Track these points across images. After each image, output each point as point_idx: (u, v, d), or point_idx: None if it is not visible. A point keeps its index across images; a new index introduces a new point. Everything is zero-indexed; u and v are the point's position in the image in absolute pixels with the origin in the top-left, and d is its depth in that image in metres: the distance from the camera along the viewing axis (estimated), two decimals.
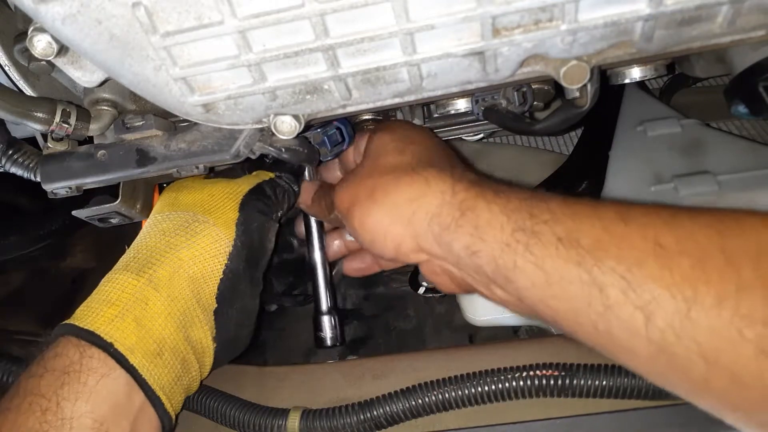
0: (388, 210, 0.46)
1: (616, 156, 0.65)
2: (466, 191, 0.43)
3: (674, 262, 0.35)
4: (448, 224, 0.43)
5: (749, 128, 0.78)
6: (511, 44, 0.40)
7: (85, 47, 0.39)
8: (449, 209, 0.43)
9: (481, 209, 0.42)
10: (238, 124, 0.47)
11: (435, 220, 0.43)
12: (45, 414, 0.42)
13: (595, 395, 0.46)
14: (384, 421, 0.49)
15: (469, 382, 0.48)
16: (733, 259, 0.34)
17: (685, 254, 0.35)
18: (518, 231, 0.40)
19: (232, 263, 0.52)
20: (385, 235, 0.46)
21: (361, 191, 0.48)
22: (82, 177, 0.51)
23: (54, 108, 0.46)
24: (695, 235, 0.36)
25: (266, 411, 0.51)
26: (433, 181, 0.45)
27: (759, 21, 0.40)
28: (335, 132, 0.56)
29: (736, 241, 0.35)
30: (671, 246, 0.36)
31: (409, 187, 0.45)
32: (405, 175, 0.46)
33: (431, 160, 0.47)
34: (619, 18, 0.38)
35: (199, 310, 0.50)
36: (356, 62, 0.41)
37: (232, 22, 0.37)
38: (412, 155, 0.48)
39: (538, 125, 0.50)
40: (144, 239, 0.53)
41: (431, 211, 0.44)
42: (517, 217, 0.40)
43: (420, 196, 0.44)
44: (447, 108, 0.55)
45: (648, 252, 0.36)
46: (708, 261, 0.34)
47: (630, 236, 0.37)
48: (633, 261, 0.36)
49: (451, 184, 0.44)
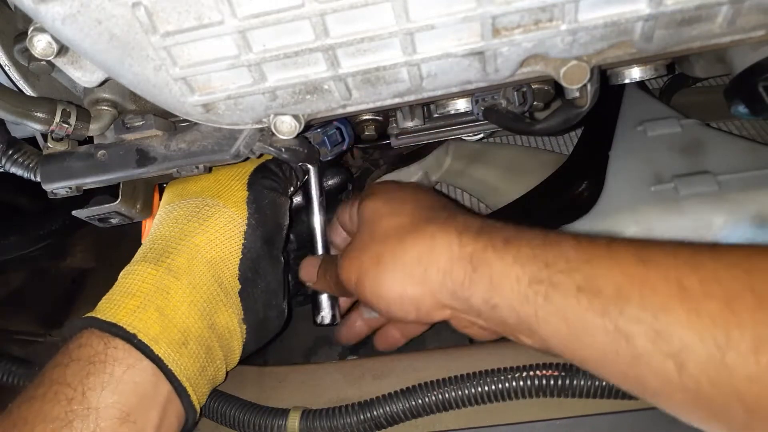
0: (398, 273, 0.44)
1: (616, 156, 0.65)
2: (474, 242, 0.42)
3: (701, 305, 0.34)
4: (462, 280, 0.42)
5: (749, 128, 0.78)
6: (511, 44, 0.40)
7: (85, 47, 0.39)
8: (460, 264, 0.42)
9: (494, 261, 0.40)
10: (238, 124, 0.47)
11: (448, 276, 0.42)
12: (70, 403, 0.41)
13: (595, 396, 0.46)
14: (384, 421, 0.49)
15: (469, 382, 0.48)
16: (765, 299, 0.33)
17: (712, 296, 0.34)
18: (535, 282, 0.39)
19: (249, 242, 0.52)
20: (402, 299, 0.45)
21: (365, 260, 0.46)
22: (82, 177, 0.51)
23: (54, 108, 0.46)
24: (720, 276, 0.34)
25: (266, 411, 0.51)
26: (438, 235, 0.43)
27: (759, 21, 0.40)
28: (335, 132, 0.56)
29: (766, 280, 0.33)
30: (695, 288, 0.34)
31: (415, 245, 0.44)
32: (408, 234, 0.45)
33: (429, 216, 0.46)
34: (619, 18, 0.38)
35: (222, 294, 0.49)
36: (356, 62, 0.41)
37: (232, 22, 0.37)
38: (409, 214, 0.47)
39: (538, 125, 0.50)
40: (158, 230, 0.53)
41: (442, 267, 0.42)
42: (532, 267, 0.39)
43: (427, 253, 0.43)
44: (447, 108, 0.56)
45: (672, 296, 0.35)
46: (737, 303, 0.33)
47: (651, 280, 0.36)
48: (658, 307, 0.35)
49: (457, 236, 0.43)
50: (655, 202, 0.59)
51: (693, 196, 0.58)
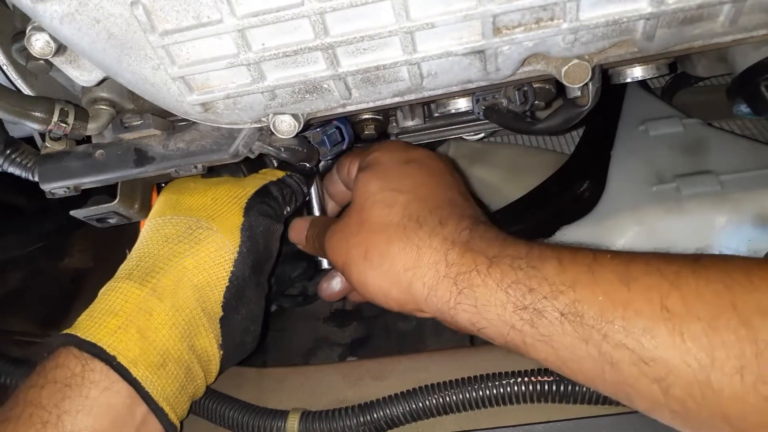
0: (384, 275, 0.45)
1: (617, 155, 0.65)
2: (460, 263, 0.42)
3: (684, 326, 0.34)
4: (447, 300, 0.42)
5: (751, 128, 0.78)
6: (512, 43, 0.40)
7: (83, 46, 0.39)
8: (446, 284, 0.42)
9: (478, 286, 0.41)
10: (237, 124, 0.47)
11: (433, 293, 0.43)
12: (45, 427, 0.41)
13: (597, 402, 0.46)
14: (384, 423, 0.48)
15: (469, 386, 0.48)
16: (747, 317, 0.33)
17: (695, 316, 0.34)
18: (520, 309, 0.39)
19: (238, 270, 0.51)
20: (386, 297, 0.46)
21: (352, 250, 0.47)
22: (80, 177, 0.50)
23: (52, 107, 0.45)
24: (702, 293, 0.34)
25: (265, 412, 0.51)
26: (424, 250, 0.43)
27: (761, 20, 0.40)
28: (335, 131, 0.55)
29: (747, 297, 0.33)
30: (678, 309, 0.34)
31: (402, 254, 0.44)
32: (396, 239, 0.45)
33: (421, 216, 0.45)
34: (621, 17, 0.38)
35: (204, 319, 0.49)
36: (356, 61, 0.41)
37: (231, 20, 0.37)
38: (402, 210, 0.46)
39: (539, 125, 0.50)
40: (146, 245, 0.52)
41: (428, 284, 0.43)
42: (516, 292, 0.39)
43: (413, 267, 0.43)
44: (447, 107, 0.55)
45: (656, 318, 0.35)
46: (720, 322, 0.33)
47: (634, 302, 0.36)
48: (641, 330, 0.35)
49: (444, 253, 0.43)
50: (657, 202, 0.59)
51: (695, 196, 0.58)
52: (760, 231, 0.56)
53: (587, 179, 0.66)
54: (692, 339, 0.33)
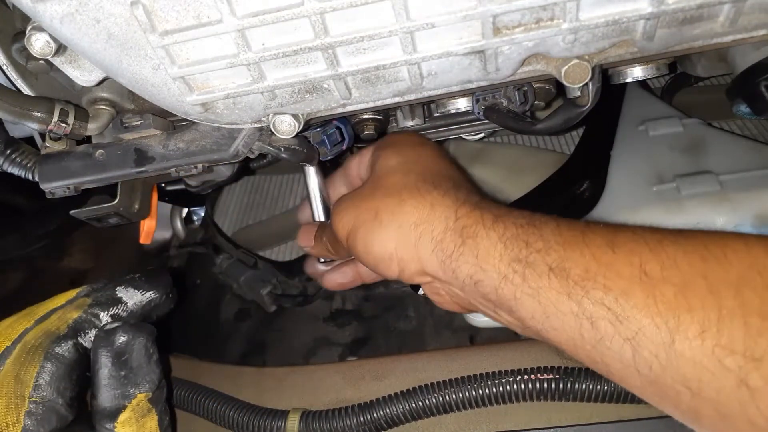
0: (392, 233, 0.45)
1: (617, 155, 0.65)
2: (467, 216, 0.43)
3: (658, 290, 0.35)
4: (451, 252, 0.43)
5: (751, 128, 0.78)
6: (512, 43, 0.40)
7: (83, 46, 0.38)
8: (452, 236, 0.43)
9: (481, 237, 0.42)
10: (237, 124, 0.47)
11: (439, 246, 0.44)
12: None
13: (595, 400, 0.46)
14: (384, 423, 0.48)
15: (469, 385, 0.48)
16: (715, 286, 0.34)
17: (669, 282, 0.35)
18: (515, 261, 0.40)
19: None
20: (391, 258, 0.46)
21: (363, 211, 0.47)
22: (80, 177, 0.50)
23: (52, 107, 0.45)
24: (679, 262, 0.36)
25: (265, 412, 0.51)
26: (437, 205, 0.45)
27: (761, 20, 0.40)
28: (335, 131, 0.55)
29: (719, 268, 0.35)
30: (656, 273, 0.36)
31: (415, 210, 0.45)
32: (410, 197, 0.46)
33: (435, 181, 0.47)
34: (621, 17, 0.38)
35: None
36: (356, 61, 0.41)
37: (231, 20, 0.37)
38: (417, 176, 0.48)
39: (539, 125, 0.49)
40: None
41: (436, 237, 0.44)
42: (513, 245, 0.41)
43: (425, 221, 0.44)
44: (447, 107, 0.55)
45: (634, 280, 0.36)
46: (690, 289, 0.34)
47: (617, 264, 0.37)
48: (619, 291, 0.36)
49: (455, 209, 0.44)
50: (657, 202, 0.59)
51: (695, 196, 0.58)
52: (760, 231, 0.56)
53: (587, 179, 0.66)
54: (663, 302, 0.35)
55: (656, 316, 0.35)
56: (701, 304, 0.34)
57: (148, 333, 0.44)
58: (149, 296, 0.48)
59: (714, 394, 0.33)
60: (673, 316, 0.34)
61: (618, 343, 0.36)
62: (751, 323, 0.32)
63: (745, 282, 0.34)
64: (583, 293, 0.37)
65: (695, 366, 0.33)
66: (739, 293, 0.33)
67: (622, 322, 0.36)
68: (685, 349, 0.33)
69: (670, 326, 0.34)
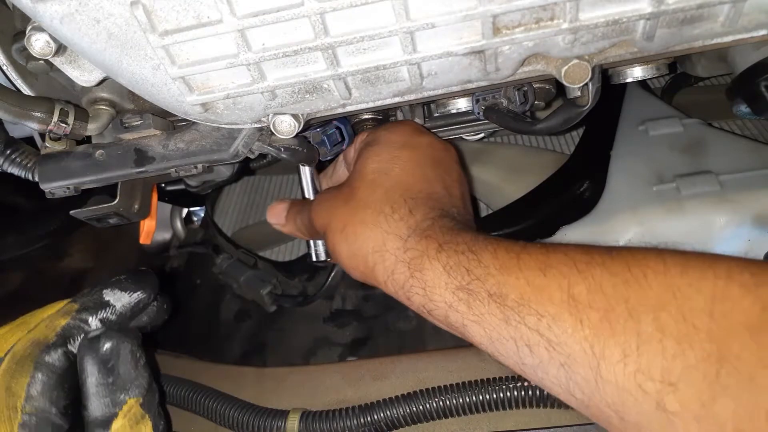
0: (355, 252, 0.48)
1: (617, 155, 0.65)
2: (415, 247, 0.44)
3: (584, 314, 0.36)
4: (402, 283, 0.45)
5: (751, 128, 0.78)
6: (512, 43, 0.40)
7: (83, 46, 0.38)
8: (402, 268, 0.45)
9: (426, 269, 0.43)
10: (236, 124, 0.47)
11: (391, 277, 0.45)
12: None
13: None
14: (384, 425, 0.48)
15: (470, 390, 0.48)
16: (635, 310, 0.34)
17: (594, 307, 0.36)
18: (458, 290, 0.41)
19: None
20: (355, 270, 0.49)
21: (334, 221, 0.50)
22: (80, 177, 0.50)
23: (52, 107, 0.45)
24: (603, 286, 0.36)
25: (265, 412, 0.51)
26: (389, 237, 0.46)
27: (760, 20, 0.40)
28: (335, 131, 0.55)
29: (639, 292, 0.35)
30: (582, 297, 0.36)
31: (371, 238, 0.47)
32: (370, 223, 0.47)
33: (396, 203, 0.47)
34: (621, 17, 0.38)
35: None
36: (356, 61, 0.41)
37: (231, 20, 0.37)
38: (383, 194, 0.48)
39: (539, 125, 0.49)
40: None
41: (387, 267, 0.45)
42: (456, 274, 0.42)
43: (379, 250, 0.46)
44: (447, 107, 0.55)
45: (563, 305, 0.37)
46: (613, 313, 0.35)
47: (548, 288, 0.38)
48: (551, 317, 0.37)
49: (404, 240, 0.45)
50: (657, 202, 0.59)
51: (695, 196, 0.58)
52: (760, 231, 0.56)
53: (587, 179, 0.66)
54: (590, 327, 0.35)
55: (584, 341, 0.35)
56: (623, 328, 0.34)
57: (132, 337, 0.44)
58: (137, 297, 0.48)
59: (637, 418, 0.34)
60: (599, 341, 0.35)
61: (554, 368, 0.37)
62: (667, 347, 0.33)
63: (662, 305, 0.34)
64: (519, 319, 0.38)
65: (619, 391, 0.34)
66: (656, 317, 0.34)
67: (555, 348, 0.36)
68: (610, 375, 0.34)
69: (596, 351, 0.35)
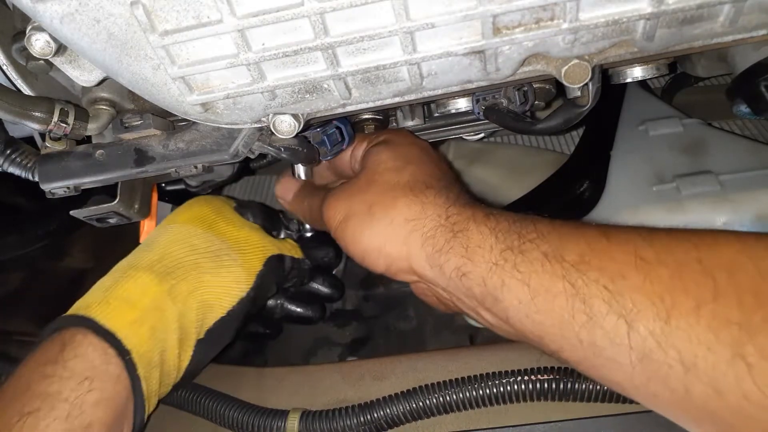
0: (384, 227, 0.46)
1: (617, 155, 0.65)
2: (459, 214, 0.44)
3: (654, 272, 0.36)
4: (441, 246, 0.44)
5: (751, 128, 0.78)
6: (512, 43, 0.40)
7: (83, 46, 0.38)
8: (443, 231, 0.44)
9: (472, 231, 0.43)
10: (236, 124, 0.47)
11: (429, 241, 0.45)
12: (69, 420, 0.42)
13: (595, 400, 0.46)
14: (384, 423, 0.48)
15: (469, 385, 0.48)
16: (709, 269, 0.35)
17: (664, 265, 0.36)
18: (506, 250, 0.41)
19: (238, 307, 0.53)
20: (379, 253, 0.47)
21: (356, 204, 0.48)
22: (80, 177, 0.50)
23: (52, 107, 0.45)
24: (673, 248, 0.37)
25: (265, 412, 0.51)
26: (429, 204, 0.46)
27: (761, 20, 0.40)
28: (335, 131, 0.55)
29: (712, 254, 0.36)
30: (651, 258, 0.37)
31: (407, 207, 0.46)
32: (403, 195, 0.47)
33: (428, 182, 0.48)
34: (621, 17, 0.38)
35: (194, 335, 0.50)
36: (356, 61, 0.41)
37: (231, 20, 0.37)
38: (410, 175, 0.48)
39: (539, 125, 0.49)
40: (171, 246, 0.53)
41: (426, 233, 0.45)
42: (506, 237, 0.42)
43: (416, 218, 0.45)
44: (447, 107, 0.55)
45: (629, 264, 0.37)
46: (685, 270, 0.35)
47: (612, 250, 0.38)
48: (615, 273, 0.37)
49: (446, 208, 0.45)
50: (657, 202, 0.59)
51: (695, 196, 0.58)
52: (760, 231, 0.56)
53: (587, 179, 0.66)
54: (659, 282, 0.36)
55: (652, 294, 0.35)
56: (696, 283, 0.35)
57: None
58: None
59: (708, 369, 0.33)
60: (669, 295, 0.35)
61: (611, 320, 0.36)
62: (745, 301, 0.33)
63: (738, 266, 0.34)
64: (577, 275, 0.38)
65: (691, 340, 0.34)
66: (732, 275, 0.34)
67: (617, 300, 0.36)
68: (681, 324, 0.34)
69: (666, 304, 0.35)
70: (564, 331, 0.39)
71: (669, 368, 0.35)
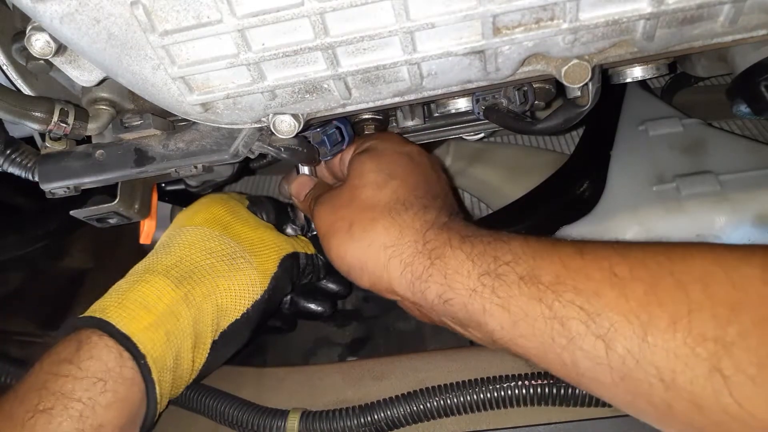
0: (364, 249, 0.47)
1: (617, 156, 0.65)
2: (436, 239, 0.45)
3: (629, 288, 0.36)
4: (420, 273, 0.44)
5: (751, 128, 0.78)
6: (512, 43, 0.40)
7: (83, 46, 0.38)
8: (420, 259, 0.44)
9: (449, 257, 0.43)
10: (236, 124, 0.47)
11: (408, 269, 0.45)
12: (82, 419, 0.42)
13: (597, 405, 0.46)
14: (384, 425, 0.48)
15: (470, 389, 0.48)
16: (683, 282, 0.35)
17: (638, 280, 0.36)
18: (484, 275, 0.41)
19: (253, 309, 0.53)
20: (362, 271, 0.48)
21: (338, 222, 0.49)
22: (80, 177, 0.50)
23: (52, 107, 0.45)
24: (646, 262, 0.37)
25: (265, 411, 0.51)
26: (406, 229, 0.46)
27: (760, 20, 0.40)
28: (335, 131, 0.55)
29: (685, 266, 0.36)
30: (625, 274, 0.37)
31: (385, 233, 0.46)
32: (381, 218, 0.47)
33: (408, 200, 0.48)
34: (621, 17, 0.38)
35: (209, 339, 0.51)
36: (356, 61, 0.41)
37: (231, 20, 0.37)
38: (391, 193, 0.48)
39: (539, 125, 0.49)
40: (187, 250, 0.53)
41: (404, 260, 0.45)
42: (482, 261, 0.42)
43: (394, 244, 0.46)
44: (447, 107, 0.55)
45: (604, 282, 0.37)
46: (660, 285, 0.36)
47: (587, 268, 0.38)
48: (591, 292, 0.37)
49: (423, 233, 0.45)
50: (657, 202, 0.59)
51: (695, 196, 0.58)
52: (760, 231, 0.56)
53: (587, 179, 0.66)
54: (634, 299, 0.36)
55: (628, 312, 0.35)
56: (671, 298, 0.35)
57: None
58: None
59: (688, 384, 0.33)
60: (645, 311, 0.35)
61: (590, 341, 0.36)
62: (719, 314, 0.33)
63: (711, 277, 0.35)
64: (554, 297, 0.38)
65: (668, 357, 0.34)
66: (706, 287, 0.34)
67: (594, 321, 0.36)
68: (658, 341, 0.34)
69: (642, 320, 0.35)
70: (548, 354, 0.39)
71: (650, 386, 0.35)
